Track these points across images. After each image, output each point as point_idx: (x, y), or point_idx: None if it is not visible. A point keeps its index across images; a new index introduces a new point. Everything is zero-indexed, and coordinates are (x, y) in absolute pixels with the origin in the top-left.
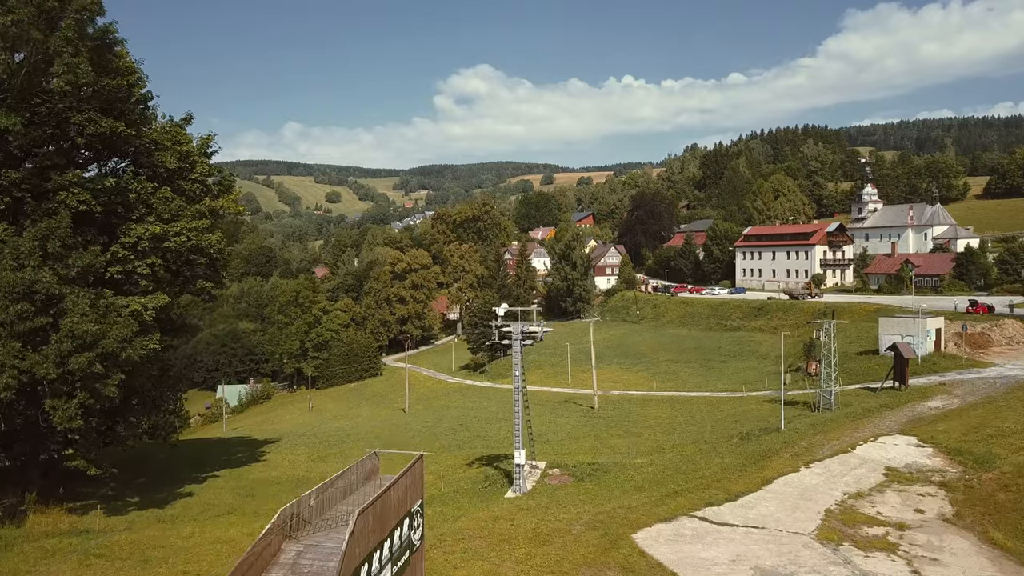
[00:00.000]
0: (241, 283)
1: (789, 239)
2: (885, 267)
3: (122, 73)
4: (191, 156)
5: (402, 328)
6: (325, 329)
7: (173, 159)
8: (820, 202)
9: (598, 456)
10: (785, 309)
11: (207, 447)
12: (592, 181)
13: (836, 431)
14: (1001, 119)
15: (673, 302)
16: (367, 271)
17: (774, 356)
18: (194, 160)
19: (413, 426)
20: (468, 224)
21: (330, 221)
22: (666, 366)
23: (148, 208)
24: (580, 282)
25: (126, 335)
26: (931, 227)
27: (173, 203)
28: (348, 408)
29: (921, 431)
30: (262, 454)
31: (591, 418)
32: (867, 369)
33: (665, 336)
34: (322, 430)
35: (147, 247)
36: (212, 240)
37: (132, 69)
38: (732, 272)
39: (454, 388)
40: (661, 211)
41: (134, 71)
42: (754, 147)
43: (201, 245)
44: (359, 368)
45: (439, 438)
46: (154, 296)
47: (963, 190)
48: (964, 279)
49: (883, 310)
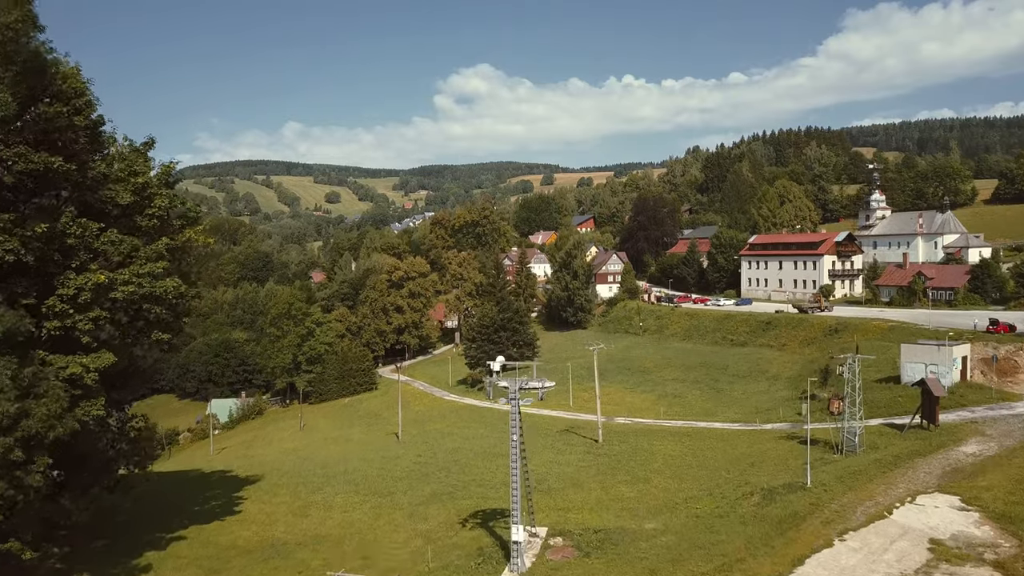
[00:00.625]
0: (236, 289)
1: (796, 249)
2: (897, 279)
3: (65, 97)
4: (149, 188)
5: (399, 338)
6: (319, 342)
7: (127, 193)
8: (825, 207)
9: (605, 513)
10: (794, 324)
11: (183, 484)
12: (592, 182)
13: (867, 486)
14: (1003, 119)
15: (677, 314)
16: (363, 279)
17: (785, 377)
18: (152, 193)
19: (405, 461)
20: (467, 229)
21: (329, 222)
22: (672, 386)
23: (92, 254)
24: (581, 292)
25: (56, 411)
26: (942, 235)
27: (123, 245)
28: (340, 428)
29: (962, 488)
30: (239, 501)
31: (595, 455)
32: (890, 401)
33: (669, 350)
34: (308, 464)
35: (89, 299)
36: (169, 286)
37: (81, 91)
38: (737, 281)
39: (450, 408)
40: (663, 217)
41: (83, 93)
42: (756, 149)
43: (156, 293)
44: (353, 382)
45: (430, 479)
46: (98, 355)
47: (971, 195)
48: (979, 292)
49: (899, 328)
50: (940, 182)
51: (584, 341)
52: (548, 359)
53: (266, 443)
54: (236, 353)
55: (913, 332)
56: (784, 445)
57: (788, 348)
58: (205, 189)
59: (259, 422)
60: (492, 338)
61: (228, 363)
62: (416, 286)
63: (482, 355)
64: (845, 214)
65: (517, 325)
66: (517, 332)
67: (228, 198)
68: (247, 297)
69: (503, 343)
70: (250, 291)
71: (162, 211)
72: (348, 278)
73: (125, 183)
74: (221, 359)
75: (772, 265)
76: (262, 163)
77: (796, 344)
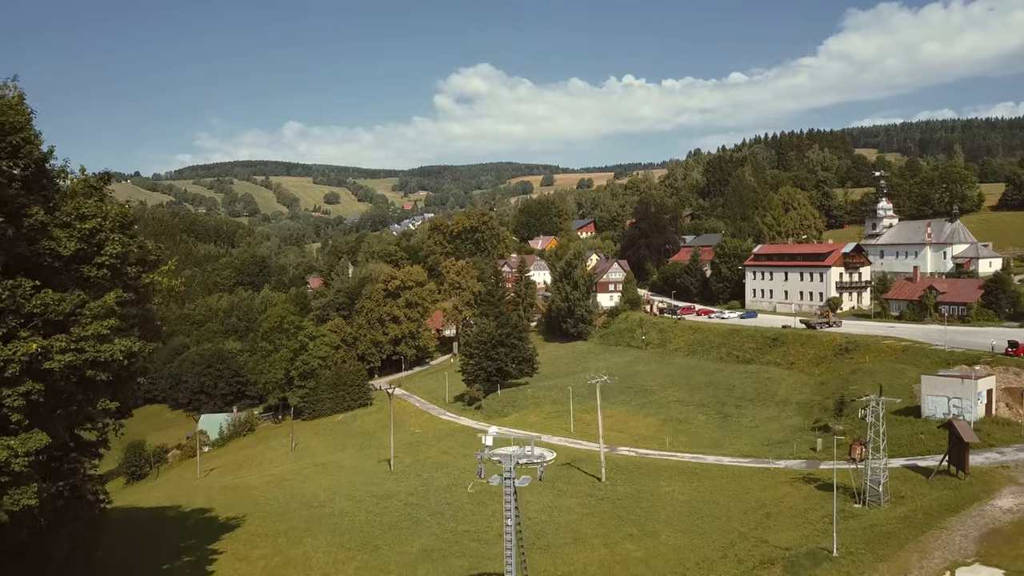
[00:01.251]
0: (232, 295)
1: (802, 260)
2: (907, 292)
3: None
4: (99, 233)
5: (395, 349)
6: (312, 356)
7: (71, 242)
8: (829, 213)
9: None
10: (802, 341)
11: (159, 528)
12: (592, 183)
13: (899, 554)
14: (1005, 121)
15: (680, 327)
16: (359, 288)
17: (795, 402)
18: (103, 238)
19: (395, 501)
20: (466, 235)
21: (328, 223)
22: (677, 409)
23: (22, 318)
24: (582, 302)
25: None
26: (951, 245)
27: (63, 304)
28: (332, 452)
29: (1004, 557)
30: (213, 557)
31: (598, 499)
32: (911, 438)
33: (672, 367)
34: (293, 504)
35: (19, 371)
36: (116, 350)
37: (19, 127)
38: (741, 292)
39: (446, 431)
40: (665, 223)
41: (22, 128)
42: (758, 152)
43: (101, 358)
44: (347, 398)
45: (421, 527)
46: (29, 435)
47: (977, 201)
48: (993, 308)
49: (913, 349)
50: (946, 188)
51: (585, 354)
52: (547, 374)
53: (256, 464)
54: (229, 364)
55: (928, 354)
56: (801, 490)
57: (797, 367)
58: (204, 190)
59: (250, 439)
60: (490, 354)
61: (221, 374)
62: (413, 295)
63: (479, 371)
64: (850, 220)
65: (516, 340)
66: (516, 348)
67: (227, 199)
68: (242, 304)
69: (501, 359)
70: (245, 298)
71: (114, 259)
72: (344, 287)
73: (70, 229)
74: (214, 370)
75: (777, 276)
76: (261, 163)
77: (805, 363)
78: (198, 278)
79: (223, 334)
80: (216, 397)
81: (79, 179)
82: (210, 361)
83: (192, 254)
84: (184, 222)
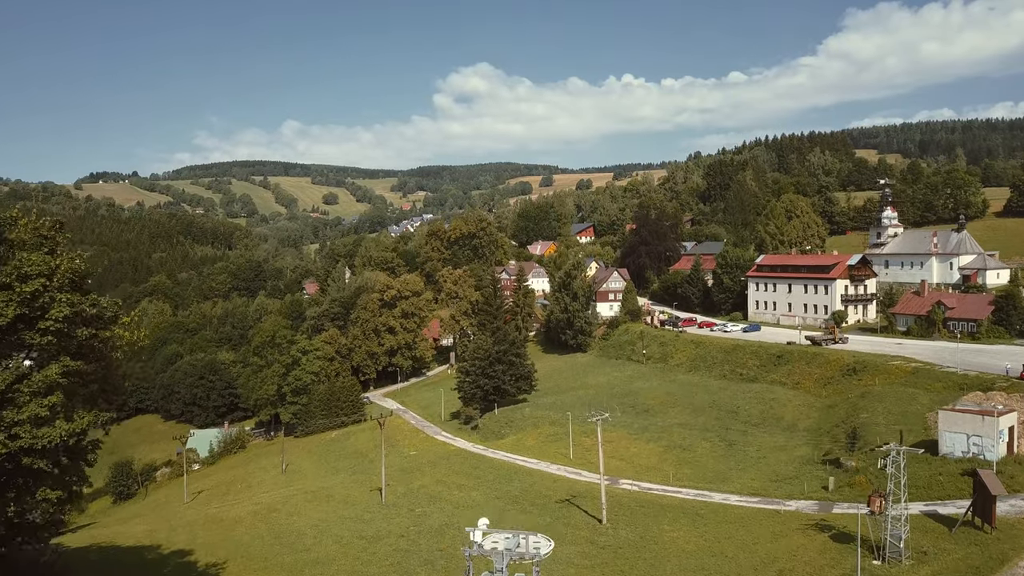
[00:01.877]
0: (226, 302)
1: (807, 271)
2: (914, 307)
3: None
4: (44, 295)
5: (391, 360)
6: (304, 372)
7: (10, 307)
8: (832, 219)
9: None
10: (807, 359)
11: None
12: (592, 184)
13: None
14: (1005, 121)
15: (682, 341)
16: (355, 297)
17: (803, 429)
18: (47, 300)
19: (384, 545)
20: (463, 241)
21: (326, 224)
22: (680, 435)
23: None
24: (581, 314)
25: None
26: (957, 256)
27: None
28: (323, 476)
29: None
30: None
31: (599, 547)
32: (929, 480)
33: (674, 384)
34: (276, 546)
35: None
36: (56, 433)
37: None
38: (744, 303)
39: (441, 454)
40: (666, 230)
41: None
42: (759, 155)
43: (38, 446)
44: (341, 414)
45: None
46: None
47: (982, 207)
48: (1004, 324)
49: (923, 372)
50: (950, 193)
51: (584, 367)
52: (545, 389)
53: (245, 488)
54: (222, 376)
55: (939, 377)
56: (815, 540)
57: (803, 387)
58: (202, 190)
59: (241, 458)
60: (487, 372)
61: (214, 386)
62: (409, 305)
63: (476, 390)
64: (852, 226)
65: (514, 357)
66: (513, 364)
67: (225, 199)
68: (237, 311)
69: (499, 377)
70: (240, 305)
71: (60, 323)
72: (339, 296)
73: (9, 292)
74: (207, 382)
75: (781, 288)
76: (260, 163)
77: (811, 383)
78: (194, 282)
79: (216, 343)
80: (208, 409)
81: (30, 226)
82: (203, 372)
83: (189, 256)
84: (181, 224)
